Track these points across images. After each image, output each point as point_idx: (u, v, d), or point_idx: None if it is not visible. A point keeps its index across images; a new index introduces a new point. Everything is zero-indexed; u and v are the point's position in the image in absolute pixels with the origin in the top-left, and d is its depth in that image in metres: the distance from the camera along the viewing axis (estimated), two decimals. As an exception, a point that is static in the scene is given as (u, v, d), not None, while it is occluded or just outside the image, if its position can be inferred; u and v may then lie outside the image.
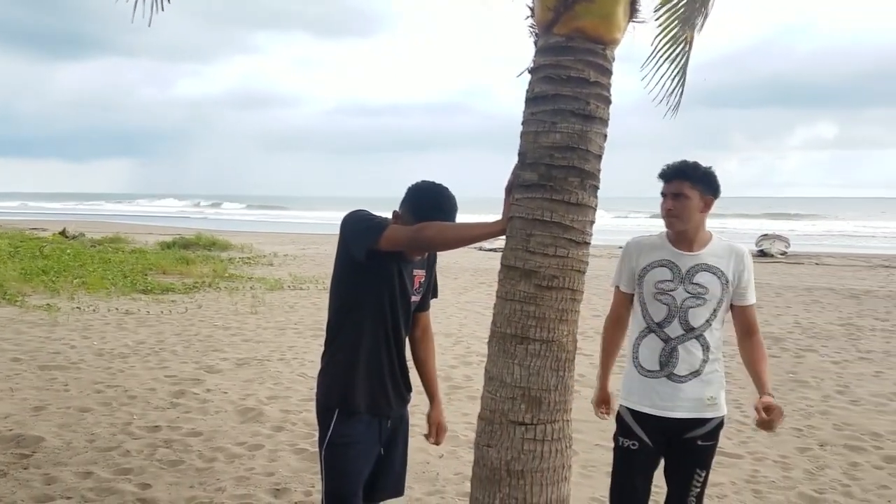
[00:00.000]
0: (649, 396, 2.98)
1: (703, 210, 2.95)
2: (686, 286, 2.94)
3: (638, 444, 3.02)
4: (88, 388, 6.48)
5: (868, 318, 11.46)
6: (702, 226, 2.99)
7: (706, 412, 2.97)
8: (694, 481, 3.03)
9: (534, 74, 2.55)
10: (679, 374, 2.94)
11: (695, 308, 2.93)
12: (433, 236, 2.65)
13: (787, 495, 4.53)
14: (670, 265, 2.97)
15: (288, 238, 29.94)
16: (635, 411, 3.02)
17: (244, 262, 18.07)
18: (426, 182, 2.86)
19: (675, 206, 2.92)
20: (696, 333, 2.94)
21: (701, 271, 2.94)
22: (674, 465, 3.10)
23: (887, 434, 5.72)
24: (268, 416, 5.81)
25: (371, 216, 2.79)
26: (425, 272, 3.04)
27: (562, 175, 2.46)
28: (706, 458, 3.04)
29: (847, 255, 25.16)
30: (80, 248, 19.28)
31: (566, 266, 2.50)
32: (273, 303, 11.77)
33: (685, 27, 2.95)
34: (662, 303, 2.96)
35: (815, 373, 7.74)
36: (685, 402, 2.94)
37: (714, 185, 2.96)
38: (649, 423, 3.00)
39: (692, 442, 3.00)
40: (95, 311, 10.40)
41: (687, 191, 2.91)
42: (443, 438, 3.29)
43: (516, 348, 2.54)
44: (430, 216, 2.71)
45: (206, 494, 4.30)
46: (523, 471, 2.53)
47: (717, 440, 3.05)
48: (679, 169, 2.94)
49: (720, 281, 2.94)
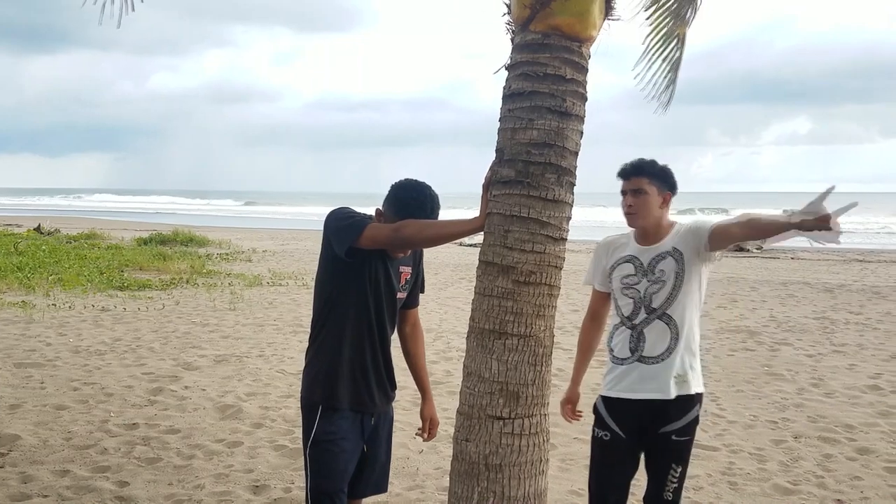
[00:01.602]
0: (621, 381, 3.03)
1: (662, 205, 3.01)
2: (649, 277, 3.00)
3: (610, 434, 3.06)
4: (65, 386, 6.42)
5: (842, 311, 11.62)
6: (663, 219, 3.04)
7: (673, 391, 2.97)
8: (670, 477, 3.07)
9: (511, 71, 2.57)
10: (649, 356, 2.98)
11: (656, 293, 2.98)
12: (412, 234, 2.66)
13: (763, 487, 4.60)
14: (634, 260, 3.03)
15: (267, 234, 29.79)
16: (609, 399, 3.07)
17: (222, 259, 17.96)
18: (409, 181, 2.87)
19: (634, 203, 2.97)
20: (658, 313, 2.98)
21: (661, 260, 3.00)
22: (651, 460, 3.14)
23: (860, 426, 5.81)
24: (247, 413, 5.79)
25: (353, 214, 2.80)
26: (412, 268, 3.04)
27: (539, 171, 2.49)
28: (682, 453, 3.06)
29: (822, 249, 25.48)
30: (56, 244, 19.07)
31: (543, 262, 2.53)
32: (252, 299, 11.71)
33: (676, 22, 2.98)
34: (629, 297, 3.02)
35: (789, 366, 7.84)
36: (654, 382, 2.98)
37: (671, 181, 3.02)
38: (621, 410, 3.03)
39: (667, 437, 3.03)
40: (71, 308, 10.29)
41: (645, 186, 2.96)
42: (435, 433, 3.30)
43: (494, 343, 2.56)
44: (412, 215, 2.73)
45: (185, 492, 4.28)
46: (501, 464, 2.56)
47: (693, 436, 3.08)
48: (637, 166, 2.99)
49: (674, 258, 2.97)
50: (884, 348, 8.86)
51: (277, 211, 60.39)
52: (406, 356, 3.24)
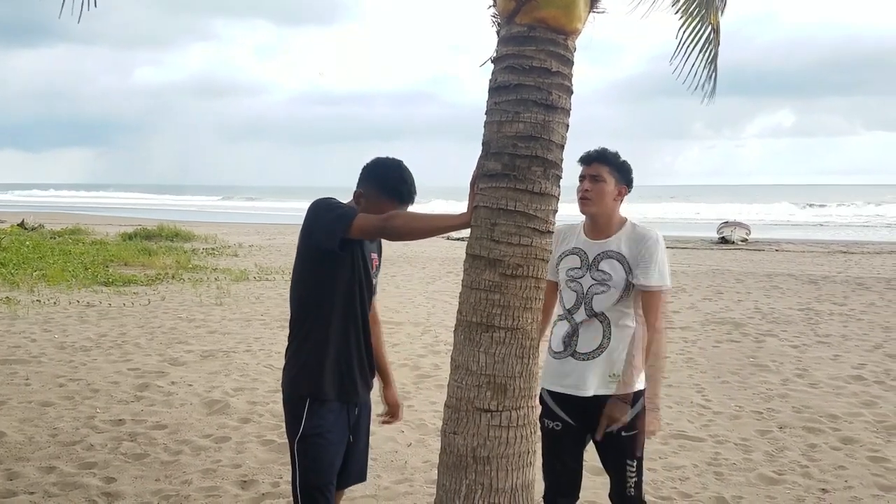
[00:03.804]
0: (558, 376, 3.07)
1: (617, 198, 3.04)
2: (592, 273, 3.02)
3: (561, 424, 3.09)
4: (50, 382, 6.38)
5: (826, 302, 11.72)
6: (614, 214, 3.06)
7: (610, 389, 2.99)
8: (628, 472, 3.07)
9: (497, 64, 2.57)
10: (581, 352, 3.02)
11: (599, 295, 3.00)
12: (401, 226, 2.67)
13: (748, 477, 4.64)
14: (580, 253, 3.07)
15: (253, 228, 29.69)
16: (553, 392, 3.10)
17: (208, 253, 17.88)
18: (383, 159, 2.95)
19: (591, 188, 3.01)
20: (600, 316, 3.01)
21: (605, 258, 3.02)
22: (606, 459, 3.14)
23: (844, 416, 5.88)
24: (234, 408, 5.78)
25: (339, 205, 2.80)
26: (378, 255, 3.08)
27: (525, 165, 2.49)
28: (633, 448, 3.02)
29: (806, 242, 25.69)
30: (40, 239, 18.94)
31: (530, 255, 2.53)
32: (238, 294, 11.67)
33: (709, 11, 2.97)
34: (572, 290, 3.06)
35: (774, 357, 7.91)
36: (589, 379, 3.00)
37: (629, 176, 3.06)
38: (568, 402, 3.06)
39: (615, 435, 3.01)
40: (56, 304, 10.23)
41: (605, 174, 3.00)
42: (400, 415, 3.36)
43: (482, 336, 2.56)
44: (398, 189, 2.85)
45: (173, 487, 4.27)
46: (489, 457, 2.56)
47: (641, 428, 3.00)
48: (600, 153, 3.03)
49: (623, 266, 2.99)
50: (867, 339, 8.95)
51: (263, 206, 60.17)
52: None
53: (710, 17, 3.00)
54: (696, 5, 2.98)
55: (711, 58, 3.06)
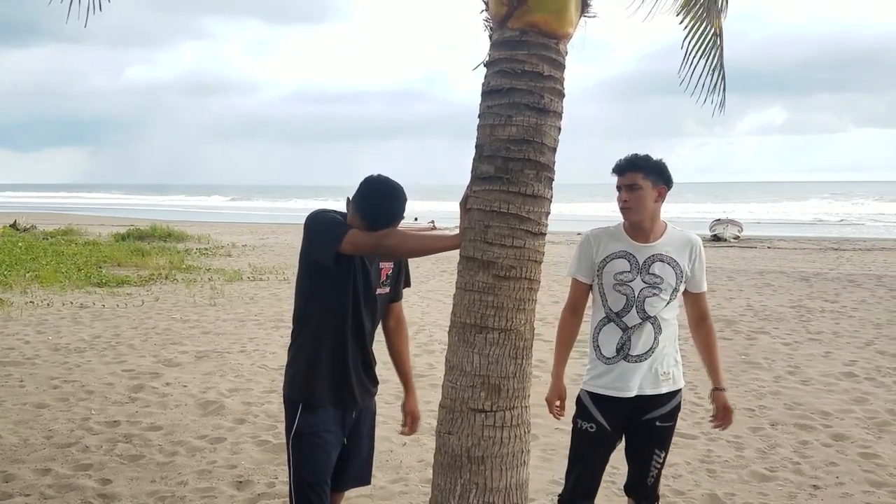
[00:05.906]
0: (608, 380, 3.07)
1: (657, 200, 3.04)
2: (643, 276, 3.02)
3: (595, 426, 3.10)
4: (44, 384, 6.38)
5: (818, 300, 11.78)
6: (657, 216, 3.07)
7: (661, 387, 3.07)
8: (653, 462, 3.14)
9: (489, 68, 2.60)
10: (634, 355, 3.04)
11: (651, 297, 3.02)
12: (394, 245, 2.70)
13: (740, 474, 4.68)
14: (628, 256, 3.05)
15: (247, 228, 29.64)
16: (594, 394, 3.10)
17: (202, 254, 17.84)
18: (377, 178, 2.87)
19: (630, 198, 3.00)
20: (652, 319, 3.04)
21: (657, 262, 3.03)
22: (634, 446, 3.19)
23: (836, 413, 5.92)
24: (229, 409, 5.79)
25: (333, 220, 2.80)
26: (393, 264, 3.06)
27: (518, 167, 2.52)
28: (665, 439, 3.15)
29: (798, 239, 25.80)
30: (32, 240, 18.87)
31: (523, 256, 2.56)
32: (232, 294, 11.66)
33: (710, 16, 2.99)
34: (621, 293, 3.04)
35: (766, 354, 7.96)
36: (640, 379, 3.04)
37: (666, 174, 3.04)
38: (608, 405, 3.08)
39: (651, 423, 3.10)
40: (49, 306, 10.21)
41: (640, 181, 2.99)
42: (417, 428, 3.33)
43: (475, 337, 2.59)
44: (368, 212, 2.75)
45: (168, 488, 4.29)
46: (483, 456, 2.59)
47: (675, 421, 3.16)
48: (631, 161, 3.02)
49: (675, 271, 3.04)
50: (858, 336, 9.00)
51: (257, 205, 60.01)
52: (390, 350, 3.26)
53: (714, 22, 3.03)
54: (700, 7, 3.00)
55: (717, 64, 3.08)
